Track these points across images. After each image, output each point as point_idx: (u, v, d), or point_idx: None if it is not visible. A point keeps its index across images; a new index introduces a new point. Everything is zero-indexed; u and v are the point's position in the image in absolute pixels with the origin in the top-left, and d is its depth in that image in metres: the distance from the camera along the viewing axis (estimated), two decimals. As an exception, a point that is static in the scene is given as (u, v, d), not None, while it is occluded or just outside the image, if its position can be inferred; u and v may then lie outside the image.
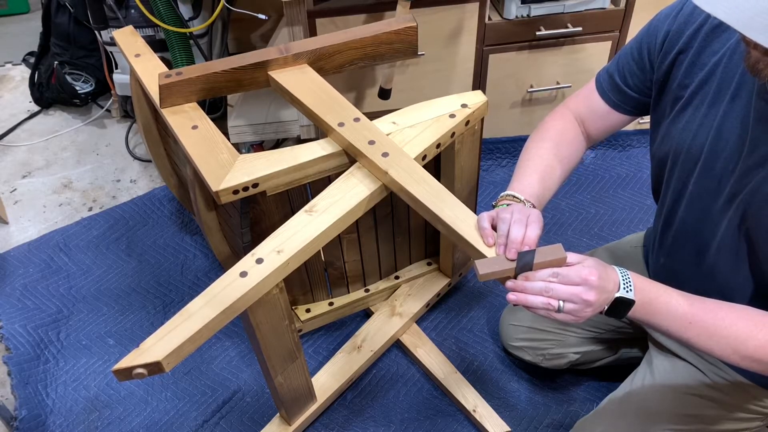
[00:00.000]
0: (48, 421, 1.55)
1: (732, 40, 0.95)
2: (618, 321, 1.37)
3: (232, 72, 1.35)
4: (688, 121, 1.02)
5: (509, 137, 2.10)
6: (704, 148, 1.00)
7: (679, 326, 0.92)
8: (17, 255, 1.94)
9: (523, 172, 1.14)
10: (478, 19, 1.80)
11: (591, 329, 1.42)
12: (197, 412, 1.56)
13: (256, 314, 1.12)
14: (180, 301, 1.79)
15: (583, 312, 0.90)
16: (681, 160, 1.05)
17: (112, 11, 1.92)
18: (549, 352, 1.46)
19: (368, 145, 1.22)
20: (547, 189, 1.13)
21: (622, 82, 1.14)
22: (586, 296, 0.89)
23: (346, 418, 1.53)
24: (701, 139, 1.00)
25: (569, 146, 1.18)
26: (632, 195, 2.01)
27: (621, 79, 1.14)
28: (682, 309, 0.92)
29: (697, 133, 1.01)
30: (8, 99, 2.54)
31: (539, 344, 1.46)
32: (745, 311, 0.93)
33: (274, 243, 1.10)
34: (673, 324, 0.92)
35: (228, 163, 1.21)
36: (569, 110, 1.22)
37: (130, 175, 2.20)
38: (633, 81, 1.12)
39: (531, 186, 1.11)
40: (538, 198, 1.10)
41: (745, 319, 0.91)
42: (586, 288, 0.89)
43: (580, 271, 0.90)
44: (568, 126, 1.20)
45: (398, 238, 1.60)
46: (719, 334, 0.91)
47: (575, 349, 1.44)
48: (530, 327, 1.46)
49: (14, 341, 1.70)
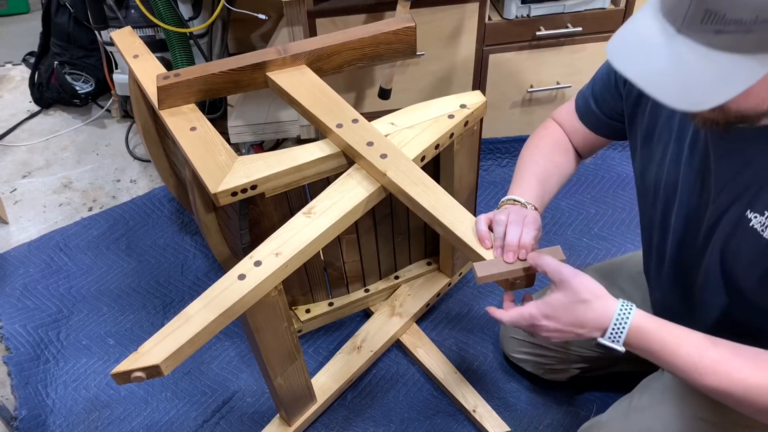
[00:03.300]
0: (48, 421, 1.55)
1: None
2: None
3: (230, 73, 1.35)
4: (662, 155, 1.00)
5: (509, 137, 2.09)
6: (678, 184, 0.97)
7: (688, 376, 0.86)
8: (17, 255, 1.94)
9: (522, 177, 1.13)
10: (478, 19, 1.80)
11: (594, 349, 1.38)
12: (197, 412, 1.56)
13: (255, 317, 1.12)
14: (180, 302, 1.79)
15: (554, 337, 0.91)
16: (660, 195, 1.02)
17: (112, 11, 1.92)
18: (550, 367, 1.45)
19: (367, 147, 1.22)
20: (547, 192, 1.13)
21: (596, 106, 1.13)
22: (541, 332, 0.91)
23: (346, 418, 1.53)
24: (674, 174, 0.98)
25: (563, 155, 1.18)
26: (632, 195, 2.00)
27: (594, 104, 1.13)
28: (691, 360, 0.85)
29: (670, 168, 0.98)
30: (8, 99, 2.54)
31: (540, 359, 1.45)
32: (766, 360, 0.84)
33: (272, 245, 1.10)
34: (680, 373, 0.87)
35: (226, 164, 1.21)
36: (557, 123, 1.22)
37: (130, 175, 2.20)
38: (605, 107, 1.11)
39: (531, 189, 1.10)
40: (539, 199, 1.10)
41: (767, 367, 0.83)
42: (535, 326, 0.91)
43: (529, 309, 0.91)
44: (558, 137, 1.20)
45: (398, 238, 1.60)
46: (736, 387, 0.83)
47: (576, 365, 1.43)
48: (531, 342, 1.45)
49: (14, 341, 1.70)
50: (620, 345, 0.87)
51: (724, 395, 0.85)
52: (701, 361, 0.85)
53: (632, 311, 0.88)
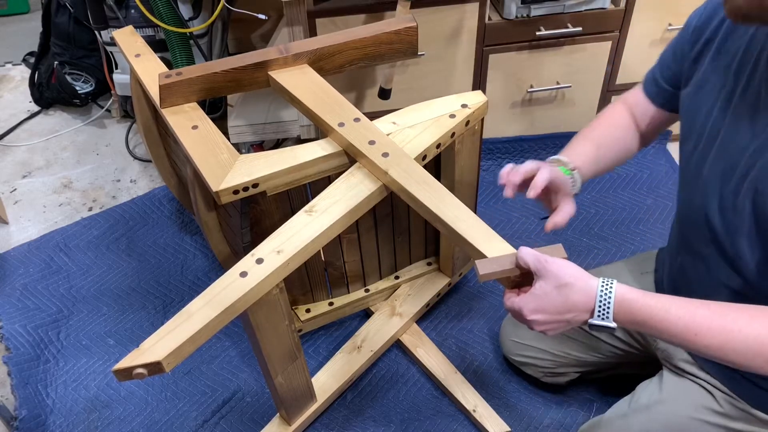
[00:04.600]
0: (48, 421, 1.55)
1: (752, 28, 0.96)
2: (623, 345, 1.35)
3: (232, 72, 1.35)
4: (712, 103, 1.01)
5: (509, 137, 2.10)
6: (721, 131, 0.99)
7: (684, 339, 0.86)
8: (17, 255, 1.94)
9: (573, 141, 1.18)
10: (478, 19, 1.80)
11: (592, 353, 1.39)
12: (197, 412, 1.56)
13: (256, 315, 1.12)
14: (180, 301, 1.79)
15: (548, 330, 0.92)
16: (702, 144, 1.03)
17: (112, 11, 1.92)
18: (550, 370, 1.45)
19: (368, 145, 1.22)
20: (601, 157, 1.16)
21: (659, 73, 1.16)
22: (534, 327, 0.92)
23: (346, 418, 1.53)
24: (719, 122, 0.99)
25: (623, 130, 1.21)
26: (632, 195, 2.01)
27: (659, 71, 1.17)
28: (682, 322, 0.85)
29: (717, 116, 1.00)
30: (8, 99, 2.54)
31: (540, 362, 1.45)
32: (758, 310, 0.85)
33: (274, 243, 1.10)
34: (676, 338, 0.87)
35: (228, 163, 1.21)
36: (624, 103, 1.25)
37: (130, 175, 2.20)
38: (667, 73, 1.14)
39: (580, 150, 1.14)
40: (588, 160, 1.13)
41: (762, 317, 0.84)
42: (525, 320, 0.91)
43: (518, 303, 0.92)
44: (620, 114, 1.23)
45: (398, 237, 1.60)
46: (734, 339, 0.84)
47: (576, 369, 1.44)
48: (531, 345, 1.45)
49: (14, 341, 1.70)
50: (611, 321, 0.87)
51: (725, 351, 0.85)
52: (693, 320, 0.85)
53: (613, 285, 0.88)
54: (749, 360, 0.84)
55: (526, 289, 0.95)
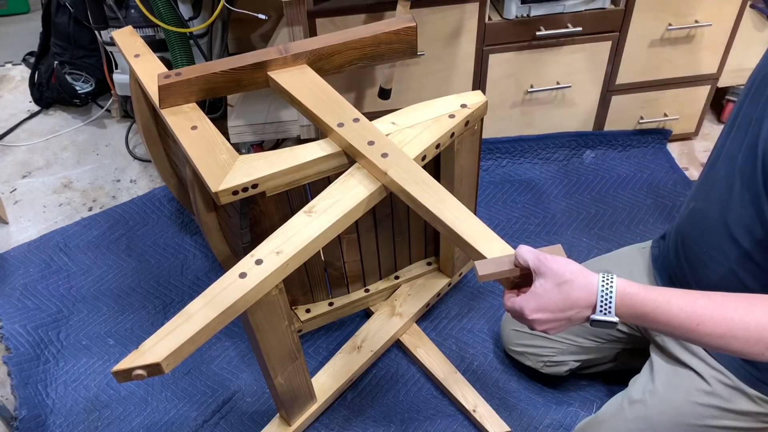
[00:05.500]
0: (48, 421, 1.55)
1: None
2: (623, 327, 1.36)
3: (231, 72, 1.35)
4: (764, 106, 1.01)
5: (509, 137, 2.10)
6: (758, 75, 0.99)
7: (687, 330, 0.86)
8: (17, 255, 1.94)
9: None
10: (478, 19, 1.80)
11: (592, 338, 1.41)
12: (197, 412, 1.56)
13: (256, 315, 1.12)
14: (180, 301, 1.79)
15: (550, 329, 0.91)
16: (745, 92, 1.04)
17: (112, 11, 1.92)
18: (549, 359, 1.46)
19: (368, 146, 1.22)
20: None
21: None
22: (536, 326, 0.91)
23: (346, 418, 1.53)
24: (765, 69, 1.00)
25: None
26: (632, 195, 2.01)
27: None
28: (684, 313, 0.85)
29: None
30: (8, 99, 2.54)
31: (539, 351, 1.46)
32: (757, 298, 0.86)
33: (273, 244, 1.10)
34: (678, 330, 0.87)
35: (227, 163, 1.21)
36: None
37: (130, 175, 2.20)
38: None
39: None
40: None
41: (761, 304, 0.85)
42: (527, 320, 0.91)
43: (518, 303, 0.91)
44: None
45: (398, 238, 1.60)
46: (736, 327, 0.84)
47: (575, 357, 1.44)
48: (531, 333, 1.45)
49: (14, 341, 1.70)
50: (613, 316, 0.87)
51: (727, 339, 0.85)
52: (695, 310, 0.85)
53: (614, 280, 0.88)
54: (751, 346, 0.85)
55: (525, 290, 0.95)
